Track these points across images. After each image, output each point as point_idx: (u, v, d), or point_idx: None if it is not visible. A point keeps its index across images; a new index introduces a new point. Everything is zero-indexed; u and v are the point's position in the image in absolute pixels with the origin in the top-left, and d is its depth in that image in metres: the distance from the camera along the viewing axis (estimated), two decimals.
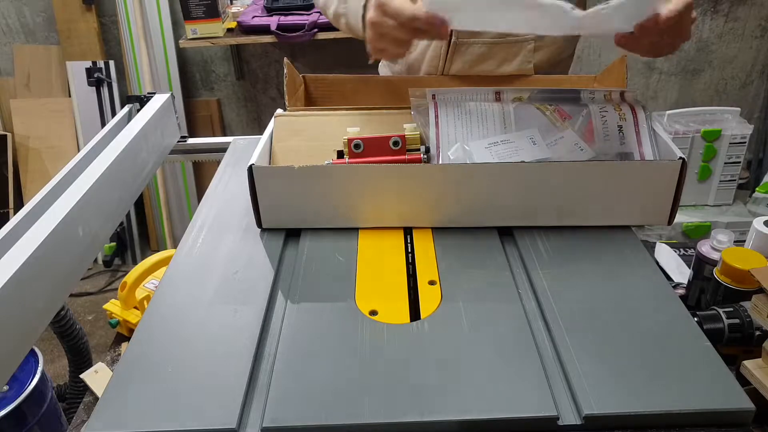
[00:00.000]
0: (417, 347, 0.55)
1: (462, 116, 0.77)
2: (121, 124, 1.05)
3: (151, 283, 0.96)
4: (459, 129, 0.76)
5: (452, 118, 0.77)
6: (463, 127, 0.76)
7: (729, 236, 0.81)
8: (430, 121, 0.76)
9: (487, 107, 0.78)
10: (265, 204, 0.71)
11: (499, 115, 0.77)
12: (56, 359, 1.97)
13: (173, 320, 0.60)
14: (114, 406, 0.50)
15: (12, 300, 0.62)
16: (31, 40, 2.42)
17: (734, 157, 2.06)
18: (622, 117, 0.77)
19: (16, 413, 1.11)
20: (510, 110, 0.77)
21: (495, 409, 0.48)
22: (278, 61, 2.45)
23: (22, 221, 0.77)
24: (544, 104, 0.78)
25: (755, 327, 0.67)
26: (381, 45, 0.73)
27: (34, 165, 2.44)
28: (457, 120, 0.76)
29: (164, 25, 2.32)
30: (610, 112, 0.77)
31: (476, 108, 0.77)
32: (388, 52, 0.75)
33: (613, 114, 0.77)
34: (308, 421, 0.48)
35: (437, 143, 0.75)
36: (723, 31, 2.38)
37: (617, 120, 0.76)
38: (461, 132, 0.76)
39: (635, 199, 0.70)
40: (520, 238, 0.70)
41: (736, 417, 0.49)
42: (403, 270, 0.66)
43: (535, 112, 0.77)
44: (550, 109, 0.77)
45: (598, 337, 0.55)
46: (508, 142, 0.74)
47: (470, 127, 0.76)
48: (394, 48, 0.73)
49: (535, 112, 0.77)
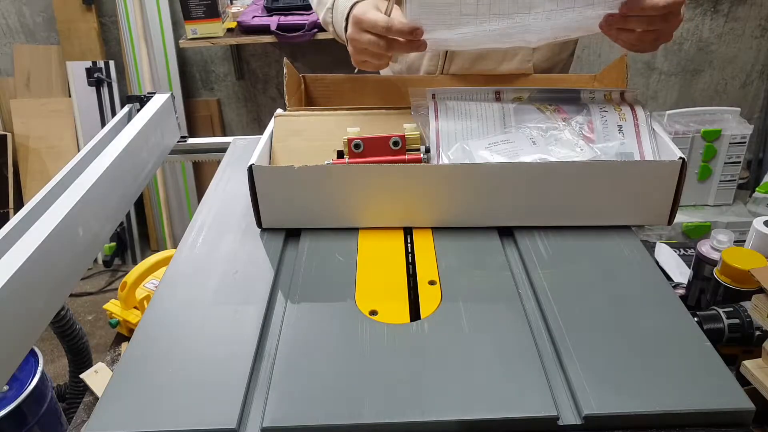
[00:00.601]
0: (417, 347, 0.55)
1: (462, 116, 0.77)
2: (121, 124, 1.05)
3: (151, 283, 0.96)
4: (459, 128, 0.76)
5: (452, 118, 0.77)
6: (463, 127, 0.76)
7: (729, 236, 0.81)
8: (430, 121, 0.76)
9: (487, 107, 0.78)
10: (265, 204, 0.71)
11: (499, 114, 0.77)
12: (56, 359, 1.97)
13: (173, 320, 0.60)
14: (114, 406, 0.50)
15: (12, 300, 0.62)
16: (31, 40, 2.42)
17: (734, 157, 2.06)
18: (622, 117, 0.76)
19: (16, 413, 1.11)
20: (510, 109, 0.78)
21: (495, 409, 0.48)
22: (278, 61, 2.45)
23: (22, 221, 0.77)
24: (544, 104, 0.78)
25: (755, 327, 0.67)
26: (362, 58, 0.77)
27: (34, 165, 2.44)
28: (457, 119, 0.76)
29: (164, 25, 2.32)
30: (610, 112, 0.77)
31: (476, 108, 0.77)
32: (369, 64, 0.78)
33: (613, 114, 0.77)
34: (308, 421, 0.48)
35: (437, 143, 0.75)
36: (723, 31, 2.38)
37: (617, 120, 0.76)
38: (461, 131, 0.76)
39: (635, 199, 0.70)
40: (520, 238, 0.70)
41: (736, 417, 0.49)
42: (403, 270, 0.66)
43: (535, 112, 0.77)
44: (550, 108, 0.78)
45: (598, 337, 0.55)
46: (508, 141, 0.74)
47: (470, 126, 0.76)
48: (374, 60, 0.77)
49: (535, 111, 0.77)
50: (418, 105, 0.79)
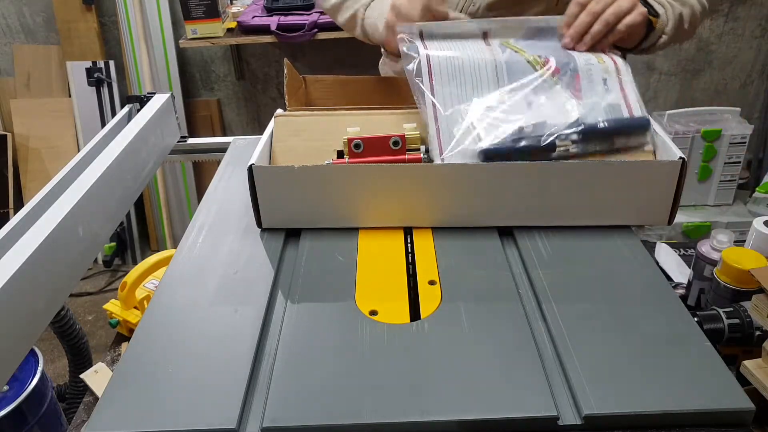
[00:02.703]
0: (417, 347, 0.55)
1: (456, 76, 0.76)
2: (121, 124, 1.05)
3: (151, 283, 0.96)
4: (454, 90, 0.75)
5: (446, 79, 0.76)
6: (458, 87, 0.75)
7: (729, 236, 0.81)
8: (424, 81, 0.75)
9: (479, 61, 0.77)
10: (265, 204, 0.71)
11: (492, 69, 0.77)
12: (56, 359, 1.97)
13: (173, 320, 0.60)
14: (114, 406, 0.50)
15: (12, 300, 0.62)
16: (31, 40, 2.42)
17: (734, 157, 2.06)
18: (605, 69, 0.78)
19: (16, 413, 1.11)
20: (502, 62, 0.77)
21: (495, 409, 0.48)
22: (278, 61, 2.45)
23: (22, 221, 0.77)
24: (534, 56, 0.79)
25: (755, 327, 0.67)
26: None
27: (34, 165, 2.44)
28: (452, 80, 0.76)
29: (164, 25, 2.32)
30: (595, 65, 0.78)
31: (469, 63, 0.77)
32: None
33: (597, 67, 0.78)
34: (308, 421, 0.48)
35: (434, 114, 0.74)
36: (723, 31, 2.38)
37: (602, 73, 0.78)
38: (456, 92, 0.75)
39: (635, 199, 0.70)
40: (520, 238, 0.70)
41: (736, 417, 0.49)
42: (403, 270, 0.66)
43: (526, 67, 0.77)
44: (540, 62, 0.78)
45: (598, 337, 0.55)
46: (503, 103, 0.74)
47: (464, 86, 0.76)
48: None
49: (526, 66, 0.78)
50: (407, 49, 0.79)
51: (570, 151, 0.72)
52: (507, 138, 0.71)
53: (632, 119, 0.75)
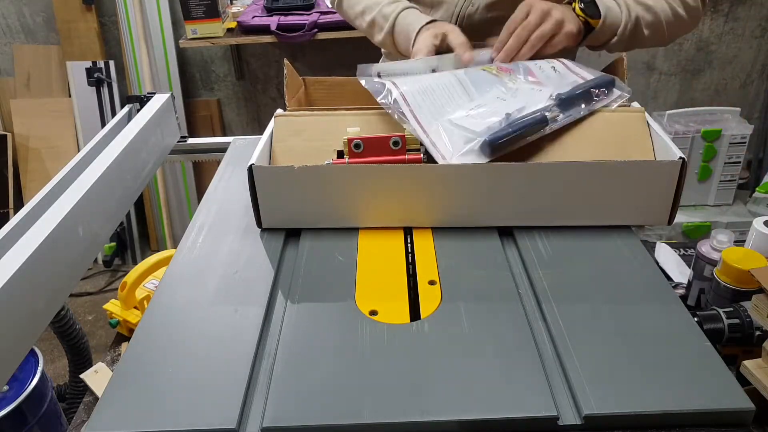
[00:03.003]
0: (417, 347, 0.55)
1: (433, 100, 0.77)
2: (121, 124, 1.05)
3: (151, 283, 0.96)
4: (433, 110, 0.76)
5: (425, 105, 0.76)
6: (436, 108, 0.76)
7: (729, 236, 0.81)
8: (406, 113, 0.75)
9: (446, 83, 0.80)
10: (265, 204, 0.71)
11: (459, 86, 0.80)
12: (56, 359, 1.97)
13: (173, 320, 0.60)
14: (114, 406, 0.50)
15: (12, 300, 0.62)
16: (31, 40, 2.42)
17: (734, 157, 2.06)
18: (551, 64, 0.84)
19: (16, 413, 1.11)
20: (465, 79, 0.81)
21: (495, 409, 0.48)
22: (278, 61, 2.45)
23: (22, 221, 0.77)
24: (489, 67, 0.84)
25: (755, 327, 0.67)
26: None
27: (34, 165, 2.44)
28: (429, 104, 0.76)
29: (164, 25, 2.32)
30: (541, 62, 0.84)
31: (438, 87, 0.79)
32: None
33: (543, 63, 0.84)
34: (308, 421, 0.48)
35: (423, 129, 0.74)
36: (723, 31, 2.38)
37: (549, 65, 0.84)
38: (436, 111, 0.76)
39: (635, 199, 0.70)
40: (520, 238, 0.70)
41: (736, 417, 0.49)
42: (403, 270, 0.66)
43: (488, 76, 0.82)
44: (494, 68, 0.83)
45: (598, 337, 0.55)
46: (481, 107, 0.76)
47: (440, 104, 0.77)
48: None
49: (487, 75, 0.82)
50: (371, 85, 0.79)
51: (560, 120, 0.75)
52: (501, 126, 0.73)
53: (595, 78, 0.81)
